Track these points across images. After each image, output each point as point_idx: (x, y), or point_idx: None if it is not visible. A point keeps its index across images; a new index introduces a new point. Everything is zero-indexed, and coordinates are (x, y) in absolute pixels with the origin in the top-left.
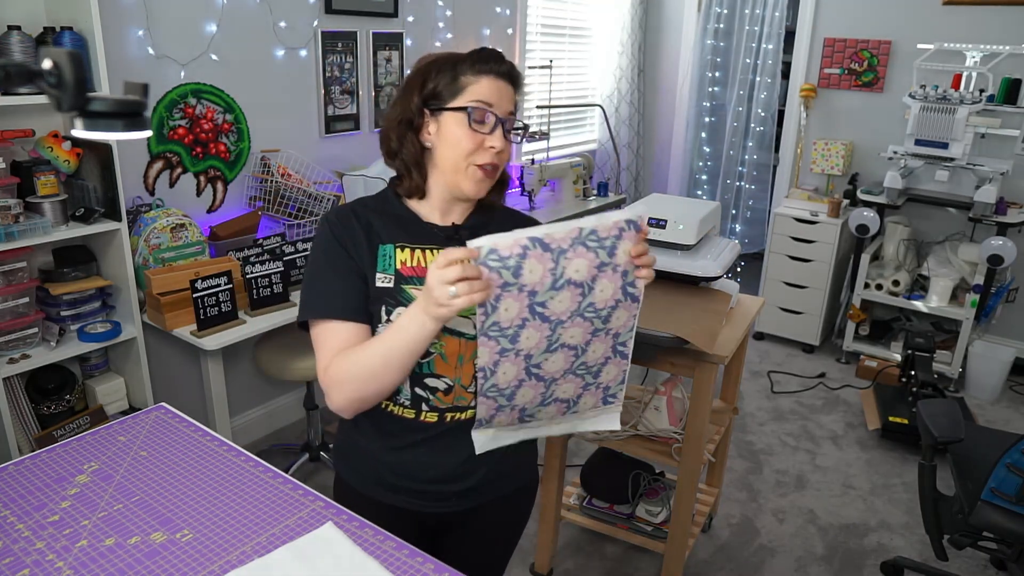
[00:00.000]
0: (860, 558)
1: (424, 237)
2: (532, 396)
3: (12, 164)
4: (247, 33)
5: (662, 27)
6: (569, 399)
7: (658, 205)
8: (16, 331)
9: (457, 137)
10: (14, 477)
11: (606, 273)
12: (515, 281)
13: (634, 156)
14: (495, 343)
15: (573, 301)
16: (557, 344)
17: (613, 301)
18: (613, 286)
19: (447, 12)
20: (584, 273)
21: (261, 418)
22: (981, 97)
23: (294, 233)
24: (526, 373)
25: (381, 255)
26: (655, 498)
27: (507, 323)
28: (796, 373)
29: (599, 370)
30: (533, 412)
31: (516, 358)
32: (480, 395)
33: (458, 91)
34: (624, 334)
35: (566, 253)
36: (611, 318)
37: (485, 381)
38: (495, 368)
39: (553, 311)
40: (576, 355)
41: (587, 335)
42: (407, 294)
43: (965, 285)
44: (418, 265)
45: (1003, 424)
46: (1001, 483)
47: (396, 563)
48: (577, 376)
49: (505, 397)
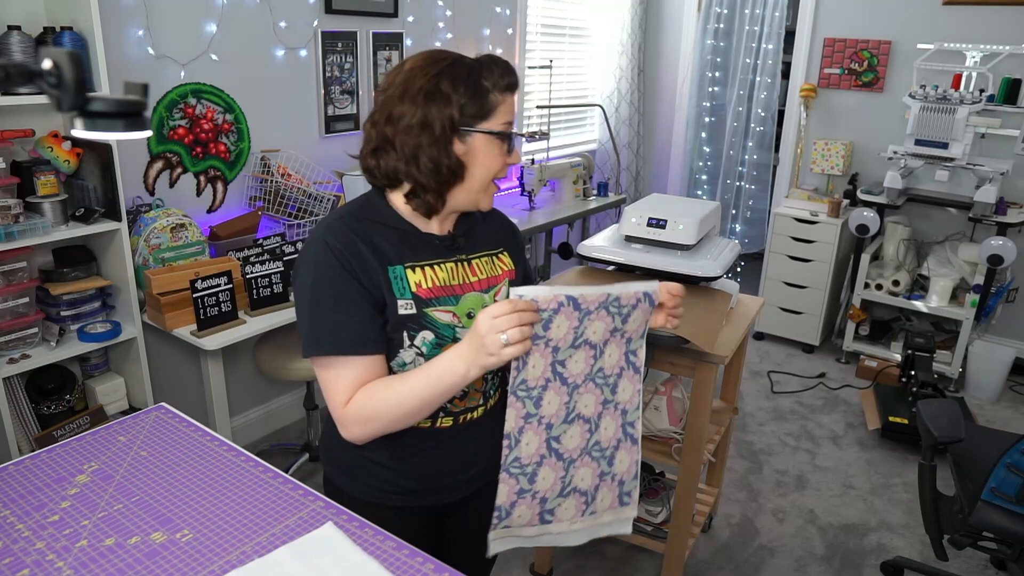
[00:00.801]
0: (860, 558)
1: (429, 251)
2: (553, 481)
3: (12, 164)
4: (247, 33)
5: (662, 27)
6: (587, 491)
7: (658, 205)
8: (16, 331)
9: (491, 159)
10: (14, 477)
11: (615, 339)
12: (543, 335)
13: (634, 156)
14: (521, 405)
15: (587, 363)
16: (574, 414)
17: (618, 368)
18: (619, 352)
19: (447, 12)
20: (599, 336)
21: (261, 418)
22: (981, 97)
23: (294, 233)
24: (547, 447)
25: (393, 277)
26: (655, 498)
27: (533, 382)
28: (796, 373)
29: (612, 456)
30: (553, 507)
31: (539, 427)
32: (503, 471)
33: (488, 111)
34: (631, 412)
35: (590, 315)
36: (618, 388)
37: (509, 452)
38: (520, 437)
39: (570, 372)
40: (590, 430)
41: (599, 406)
42: (431, 317)
43: (965, 285)
44: (434, 285)
45: (1003, 424)
46: (1001, 483)
47: (396, 563)
48: (593, 460)
49: (527, 477)
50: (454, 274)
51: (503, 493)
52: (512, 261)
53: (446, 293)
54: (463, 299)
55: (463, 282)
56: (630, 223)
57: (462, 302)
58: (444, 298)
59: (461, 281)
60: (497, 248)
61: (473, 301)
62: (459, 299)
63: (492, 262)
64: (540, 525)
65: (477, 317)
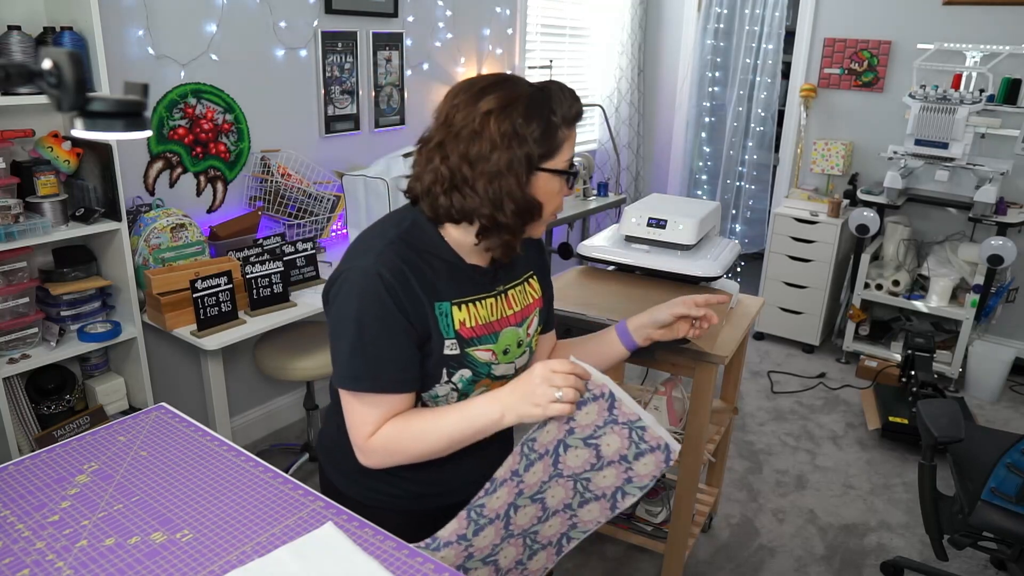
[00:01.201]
0: (860, 558)
1: (473, 286)
2: (487, 544)
3: (12, 164)
4: (247, 33)
5: (662, 27)
6: (502, 569)
7: (658, 205)
8: (16, 331)
9: (553, 195)
10: (14, 477)
11: (619, 467)
12: (573, 416)
13: (634, 156)
14: (518, 459)
15: (583, 465)
16: (540, 496)
17: (601, 492)
18: (613, 480)
19: (447, 12)
20: (611, 452)
21: (261, 418)
22: (981, 97)
23: (294, 233)
24: (504, 511)
25: (439, 314)
26: (655, 498)
27: (540, 447)
28: (796, 373)
29: (536, 552)
30: (471, 567)
31: (514, 488)
32: (465, 508)
33: (555, 148)
34: (579, 531)
35: (615, 425)
36: (586, 506)
37: (482, 496)
38: (500, 488)
39: (565, 462)
40: (540, 518)
41: (560, 505)
42: (472, 357)
43: (965, 285)
44: (476, 324)
45: (1003, 424)
46: (1001, 483)
47: (396, 563)
48: (523, 545)
49: (474, 529)
50: (494, 310)
51: (449, 528)
52: (540, 286)
53: (487, 331)
54: (501, 335)
55: (501, 316)
56: (630, 223)
57: (500, 339)
58: (485, 336)
59: (499, 316)
60: (527, 272)
61: (510, 337)
62: (498, 336)
63: (525, 291)
64: None
65: (533, 368)
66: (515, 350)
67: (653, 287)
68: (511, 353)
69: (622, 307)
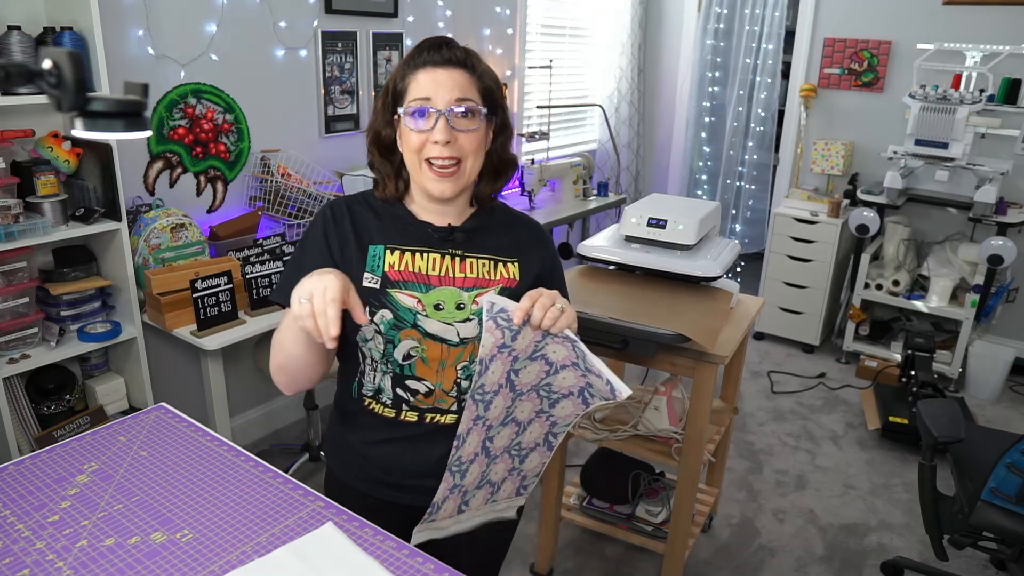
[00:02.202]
0: (860, 558)
1: (417, 239)
2: (476, 475)
3: (12, 164)
4: (247, 33)
5: (662, 27)
6: (496, 483)
7: (658, 205)
8: (16, 331)
9: (407, 138)
10: (14, 477)
11: (575, 370)
12: (510, 345)
13: (634, 156)
14: (475, 408)
15: (538, 376)
16: (510, 417)
17: (567, 391)
18: (574, 381)
19: (447, 12)
20: (559, 358)
21: (261, 418)
22: (981, 97)
23: (294, 233)
24: (481, 446)
25: (371, 255)
26: (655, 498)
27: (489, 387)
28: (796, 373)
29: (527, 455)
30: (469, 499)
31: (482, 428)
32: (447, 470)
33: (404, 92)
34: (561, 425)
35: (553, 339)
36: (558, 405)
37: (455, 452)
38: (467, 437)
39: (520, 380)
40: (518, 432)
41: (532, 413)
42: (392, 298)
43: (965, 285)
44: (405, 269)
45: (1003, 424)
46: (1001, 483)
47: (396, 563)
48: (510, 457)
49: (461, 473)
50: (436, 264)
51: (441, 489)
52: (521, 273)
53: (417, 280)
54: (436, 290)
55: (443, 274)
56: (630, 223)
57: (433, 292)
58: (413, 283)
59: (441, 273)
60: (510, 257)
61: (446, 294)
62: (430, 288)
63: (492, 266)
64: (455, 516)
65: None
66: (453, 310)
67: (653, 287)
68: (445, 311)
69: (622, 307)
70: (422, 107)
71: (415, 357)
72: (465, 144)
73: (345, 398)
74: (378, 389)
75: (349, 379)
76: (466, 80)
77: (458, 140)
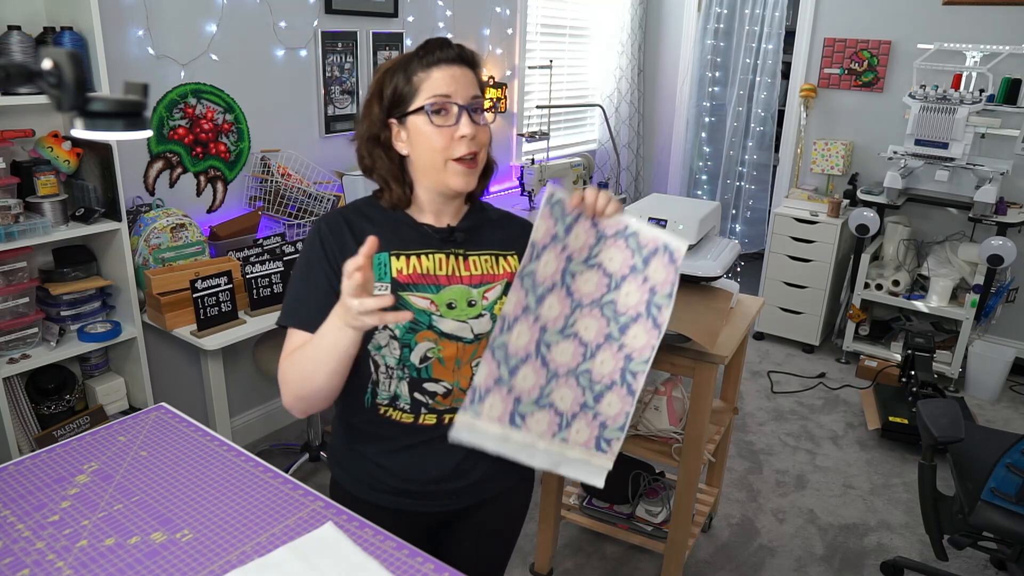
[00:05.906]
0: (860, 558)
1: (420, 242)
2: (532, 384)
3: (12, 164)
4: (247, 33)
5: (662, 27)
6: (564, 413)
7: (658, 205)
8: (16, 331)
9: (426, 137)
10: (14, 477)
11: (635, 279)
12: (563, 237)
13: (634, 156)
14: (524, 294)
15: (598, 288)
16: (571, 330)
17: (635, 312)
18: (639, 296)
19: (447, 12)
20: (616, 267)
21: (261, 418)
22: (981, 97)
23: (294, 233)
24: (535, 348)
25: (376, 264)
26: (655, 498)
27: (541, 279)
28: (796, 373)
29: (602, 394)
30: (525, 412)
31: (533, 324)
32: (488, 349)
33: (414, 92)
34: (637, 362)
35: (607, 239)
36: (628, 331)
37: (499, 335)
38: (513, 324)
39: (578, 288)
40: (584, 355)
41: (600, 336)
42: (405, 301)
43: (965, 285)
44: (414, 272)
45: (1003, 424)
46: (1001, 483)
47: (396, 563)
48: (579, 386)
49: (508, 368)
50: (442, 265)
51: (482, 373)
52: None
53: (427, 281)
54: (446, 289)
55: (451, 274)
56: None
57: (444, 292)
58: (423, 285)
59: (449, 272)
60: (508, 251)
61: (457, 293)
62: (440, 288)
63: (494, 261)
64: (508, 426)
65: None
66: (465, 308)
67: None
68: (458, 309)
69: None
70: (445, 103)
71: (431, 359)
72: (482, 138)
73: (355, 410)
74: (394, 396)
75: (359, 391)
76: (474, 77)
77: (476, 135)
